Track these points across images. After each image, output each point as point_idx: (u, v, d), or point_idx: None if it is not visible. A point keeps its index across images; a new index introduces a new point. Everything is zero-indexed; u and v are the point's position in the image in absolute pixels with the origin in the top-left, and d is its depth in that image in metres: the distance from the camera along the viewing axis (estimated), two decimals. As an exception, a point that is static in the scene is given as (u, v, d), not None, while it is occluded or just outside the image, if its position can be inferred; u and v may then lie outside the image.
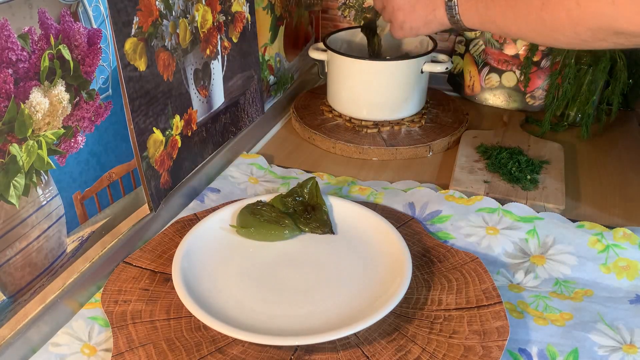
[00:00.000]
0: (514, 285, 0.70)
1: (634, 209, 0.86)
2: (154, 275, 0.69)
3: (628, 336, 0.62)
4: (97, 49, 0.63)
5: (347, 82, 1.03)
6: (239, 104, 0.97)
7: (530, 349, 0.61)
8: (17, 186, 0.56)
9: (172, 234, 0.76)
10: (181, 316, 0.63)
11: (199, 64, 0.84)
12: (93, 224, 0.68)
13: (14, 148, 0.55)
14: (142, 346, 0.59)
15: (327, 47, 1.04)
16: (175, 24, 0.76)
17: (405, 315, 0.63)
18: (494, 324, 0.61)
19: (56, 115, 0.59)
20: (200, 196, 0.85)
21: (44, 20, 0.55)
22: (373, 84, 1.02)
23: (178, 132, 0.81)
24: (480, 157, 0.95)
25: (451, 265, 0.70)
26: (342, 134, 1.02)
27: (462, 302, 0.64)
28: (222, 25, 0.87)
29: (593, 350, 0.60)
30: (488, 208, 0.80)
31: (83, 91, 0.62)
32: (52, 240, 0.62)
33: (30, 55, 0.55)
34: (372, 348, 0.59)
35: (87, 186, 0.66)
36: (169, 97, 0.78)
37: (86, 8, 0.61)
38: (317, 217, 0.76)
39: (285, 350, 0.59)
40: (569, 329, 0.63)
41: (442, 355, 0.58)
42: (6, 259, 0.57)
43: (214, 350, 0.59)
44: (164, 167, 0.79)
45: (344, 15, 1.29)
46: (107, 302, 0.65)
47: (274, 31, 1.08)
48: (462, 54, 1.20)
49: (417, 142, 1.00)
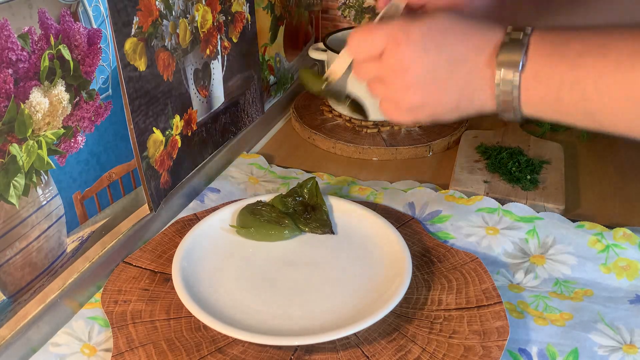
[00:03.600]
0: (514, 285, 0.70)
1: (634, 209, 0.86)
2: (154, 275, 0.69)
3: (628, 336, 0.62)
4: (97, 49, 0.63)
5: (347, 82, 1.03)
6: (239, 104, 0.97)
7: (530, 349, 0.61)
8: (17, 186, 0.56)
9: (172, 234, 0.76)
10: (181, 316, 0.63)
11: (199, 64, 0.84)
12: (93, 224, 0.68)
13: (14, 148, 0.55)
14: (142, 346, 0.59)
15: (327, 47, 1.04)
16: (175, 24, 0.76)
17: (405, 315, 0.63)
18: (494, 324, 0.61)
19: (56, 115, 0.59)
20: (200, 196, 0.85)
21: (44, 20, 0.55)
22: (373, 84, 1.01)
23: (178, 132, 0.81)
24: (480, 157, 0.95)
25: (451, 265, 0.70)
26: (342, 134, 1.02)
27: (462, 302, 0.64)
28: (222, 25, 0.87)
29: (593, 351, 0.60)
30: (488, 208, 0.80)
31: (83, 91, 0.62)
32: (52, 240, 0.62)
33: (30, 55, 0.55)
34: (372, 348, 0.59)
35: (87, 186, 0.66)
36: (169, 97, 0.78)
37: (86, 8, 0.61)
38: (317, 217, 0.76)
39: (285, 350, 0.59)
40: (569, 329, 0.63)
41: (442, 355, 0.58)
42: (6, 259, 0.57)
43: (214, 350, 0.59)
44: (163, 167, 0.79)
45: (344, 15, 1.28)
46: (107, 302, 0.65)
47: (274, 31, 1.08)
48: (462, 54, 1.20)
49: (417, 142, 1.00)
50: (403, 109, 0.54)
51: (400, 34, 0.51)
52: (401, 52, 0.51)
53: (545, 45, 0.48)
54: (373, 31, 0.52)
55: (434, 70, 0.51)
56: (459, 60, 0.50)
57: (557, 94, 0.47)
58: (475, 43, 0.50)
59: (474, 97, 0.52)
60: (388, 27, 0.52)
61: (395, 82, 0.52)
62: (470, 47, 0.50)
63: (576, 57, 0.46)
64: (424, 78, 0.51)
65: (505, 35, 0.50)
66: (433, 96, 0.52)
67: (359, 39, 0.54)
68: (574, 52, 0.46)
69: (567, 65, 0.46)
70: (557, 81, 0.47)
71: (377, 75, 0.54)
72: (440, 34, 0.51)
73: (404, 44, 0.50)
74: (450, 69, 0.51)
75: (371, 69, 0.54)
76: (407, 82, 0.51)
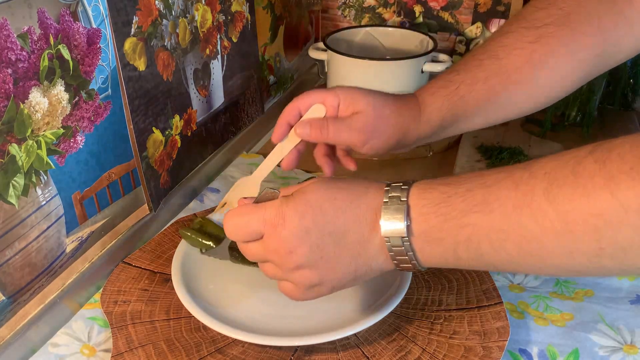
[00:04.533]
0: (515, 286, 0.70)
1: (635, 209, 0.85)
2: (154, 275, 0.69)
3: (629, 336, 0.62)
4: (97, 48, 0.63)
5: (347, 82, 1.03)
6: (238, 104, 0.97)
7: (530, 349, 0.61)
8: (17, 186, 0.56)
9: (172, 234, 0.76)
10: (181, 316, 0.63)
11: (199, 64, 0.84)
12: (92, 224, 0.68)
13: (14, 148, 0.55)
14: (141, 346, 0.59)
15: (327, 47, 1.03)
16: (174, 23, 0.76)
17: (405, 316, 0.63)
18: (494, 324, 0.61)
19: (55, 115, 0.59)
20: (200, 196, 0.85)
21: (43, 20, 0.55)
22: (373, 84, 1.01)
23: (178, 132, 0.81)
24: (481, 157, 0.95)
25: (451, 265, 0.70)
26: (342, 134, 1.02)
27: (462, 302, 0.64)
28: (221, 25, 0.87)
29: (594, 351, 0.60)
30: (488, 208, 0.79)
31: (82, 91, 0.62)
32: (51, 241, 0.62)
33: (29, 55, 0.54)
34: (372, 348, 0.59)
35: (86, 186, 0.66)
36: (169, 97, 0.77)
37: (85, 8, 0.61)
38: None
39: (285, 350, 0.59)
40: (569, 329, 0.63)
41: (442, 355, 0.58)
42: (5, 259, 0.57)
43: (213, 350, 0.59)
44: (163, 167, 0.79)
45: (344, 15, 1.28)
46: (106, 302, 0.65)
47: (274, 31, 1.07)
48: (462, 54, 1.20)
49: (417, 142, 1.00)
50: (302, 289, 0.51)
51: (275, 217, 0.49)
52: (281, 236, 0.49)
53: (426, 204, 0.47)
54: (247, 215, 0.51)
55: (320, 248, 0.49)
56: (342, 232, 0.49)
57: (455, 253, 0.47)
58: (355, 212, 0.49)
59: (370, 263, 0.50)
60: (262, 211, 0.50)
61: (284, 264, 0.50)
62: (350, 218, 0.49)
63: (461, 216, 0.45)
64: (312, 257, 0.49)
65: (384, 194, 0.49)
66: (328, 272, 0.50)
67: (234, 224, 0.52)
68: (457, 212, 0.45)
69: (454, 225, 0.46)
70: (451, 242, 0.46)
71: (264, 258, 0.52)
72: (317, 210, 0.49)
73: (281, 227, 0.49)
74: (337, 242, 0.49)
75: (255, 251, 0.52)
76: (296, 263, 0.49)
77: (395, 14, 1.24)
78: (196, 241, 0.66)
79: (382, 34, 1.12)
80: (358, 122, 0.61)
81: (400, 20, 1.24)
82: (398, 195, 0.48)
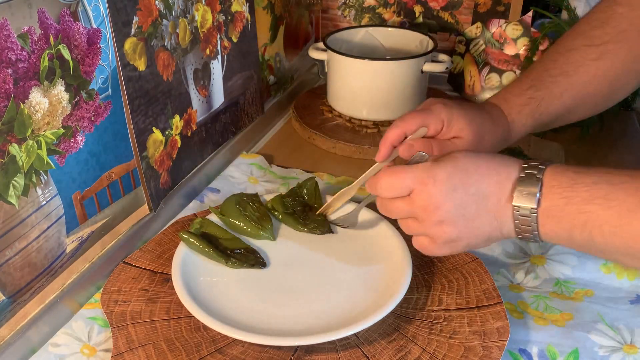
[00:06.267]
0: (514, 286, 0.70)
1: (635, 209, 0.85)
2: (154, 275, 0.69)
3: (628, 336, 0.62)
4: (97, 48, 0.63)
5: (347, 82, 1.03)
6: (238, 104, 0.97)
7: (530, 349, 0.61)
8: (17, 186, 0.56)
9: (172, 234, 0.76)
10: (181, 316, 0.63)
11: (199, 64, 0.84)
12: (92, 224, 0.68)
13: (14, 148, 0.55)
14: (141, 346, 0.59)
15: (327, 47, 1.03)
16: (175, 23, 0.76)
17: (405, 316, 0.63)
18: (494, 324, 0.61)
19: (56, 115, 0.59)
20: (200, 196, 0.85)
21: (43, 20, 0.55)
22: (373, 84, 1.01)
23: (178, 132, 0.81)
24: (481, 157, 0.95)
25: (451, 265, 0.70)
26: (342, 134, 1.02)
27: (462, 302, 0.64)
28: (221, 25, 0.87)
29: (593, 351, 0.60)
30: (488, 208, 0.80)
31: (82, 91, 0.62)
32: (51, 241, 0.62)
33: (29, 55, 0.55)
34: (372, 348, 0.59)
35: (86, 186, 0.66)
36: (169, 97, 0.77)
37: (86, 8, 0.61)
38: (317, 218, 0.76)
39: (285, 350, 0.59)
40: (569, 329, 0.63)
41: (442, 355, 0.58)
42: (5, 259, 0.57)
43: (213, 350, 0.59)
44: (163, 167, 0.79)
45: (344, 15, 1.28)
46: (106, 302, 0.65)
47: (274, 31, 1.08)
48: (462, 54, 1.20)
49: (417, 142, 1.00)
50: (439, 243, 0.58)
51: (426, 176, 0.56)
52: (430, 192, 0.55)
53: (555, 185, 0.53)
54: (401, 174, 0.57)
55: (463, 207, 0.55)
56: (484, 195, 0.55)
57: (570, 233, 0.52)
58: (496, 179, 0.55)
59: (502, 228, 0.56)
60: (414, 170, 0.57)
61: (428, 219, 0.56)
62: (492, 183, 0.55)
63: (583, 203, 0.51)
64: (455, 214, 0.55)
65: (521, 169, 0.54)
66: (466, 230, 0.56)
67: (388, 181, 0.58)
68: (579, 199, 0.51)
69: (575, 210, 0.51)
70: (569, 223, 0.52)
71: (408, 214, 0.58)
72: (464, 173, 0.55)
73: (431, 185, 0.55)
74: (478, 203, 0.55)
75: (401, 207, 0.58)
76: (440, 218, 0.55)
77: (395, 14, 1.24)
78: (195, 246, 0.69)
79: (382, 34, 1.13)
80: (460, 146, 0.67)
81: (400, 20, 1.24)
82: (534, 173, 0.53)
